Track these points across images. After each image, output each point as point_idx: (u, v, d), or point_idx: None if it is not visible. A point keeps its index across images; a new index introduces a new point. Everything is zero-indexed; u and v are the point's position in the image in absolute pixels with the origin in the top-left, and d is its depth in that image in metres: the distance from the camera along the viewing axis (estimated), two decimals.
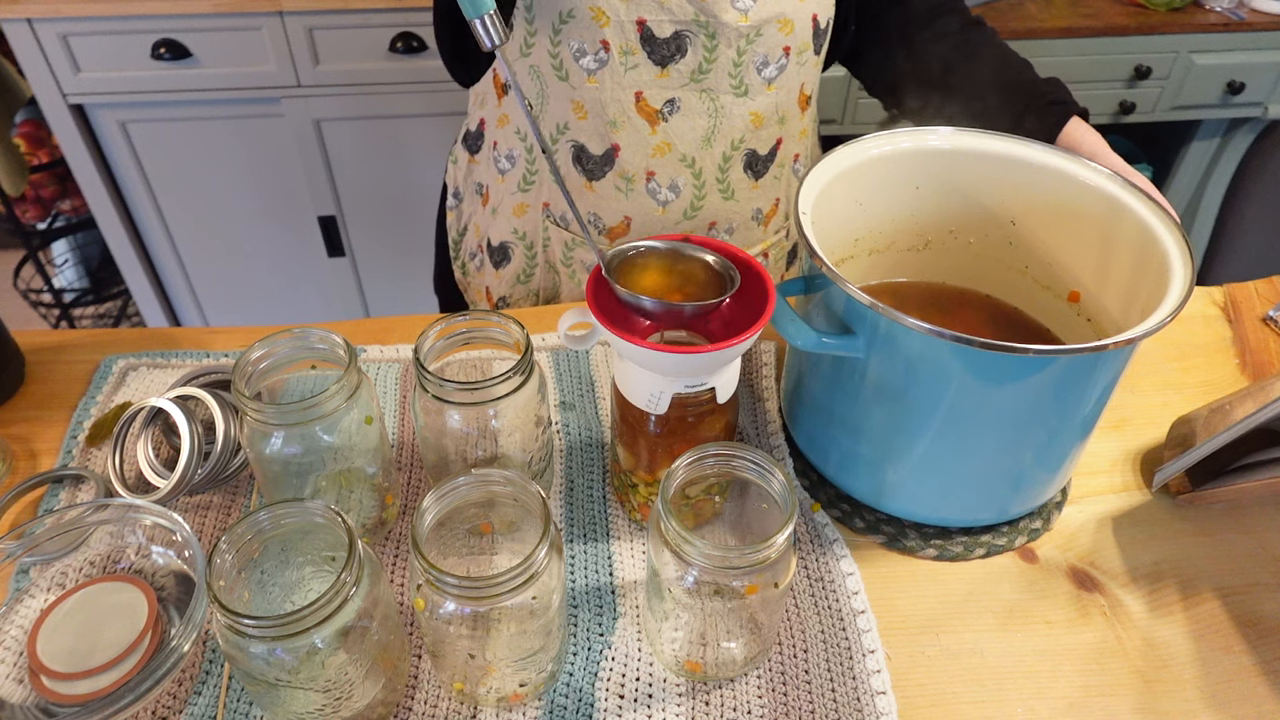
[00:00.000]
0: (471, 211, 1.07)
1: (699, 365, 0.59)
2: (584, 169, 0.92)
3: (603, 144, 0.90)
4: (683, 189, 0.93)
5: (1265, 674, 0.63)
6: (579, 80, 0.86)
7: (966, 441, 0.64)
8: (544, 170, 0.95)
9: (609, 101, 0.86)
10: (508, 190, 0.99)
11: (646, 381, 0.60)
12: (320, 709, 0.54)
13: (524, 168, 0.96)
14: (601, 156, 0.90)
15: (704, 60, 0.84)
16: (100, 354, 0.86)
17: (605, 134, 0.89)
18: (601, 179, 0.92)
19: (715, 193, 0.94)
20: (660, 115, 0.87)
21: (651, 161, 0.90)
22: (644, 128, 0.88)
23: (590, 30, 0.82)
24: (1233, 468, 0.71)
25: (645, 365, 0.59)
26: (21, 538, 0.63)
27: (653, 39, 0.83)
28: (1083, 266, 0.75)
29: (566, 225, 0.97)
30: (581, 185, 0.93)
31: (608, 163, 0.91)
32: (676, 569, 0.55)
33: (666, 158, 0.90)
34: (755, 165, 0.94)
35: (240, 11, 1.61)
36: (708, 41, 0.83)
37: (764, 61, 0.86)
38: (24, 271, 2.20)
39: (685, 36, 0.83)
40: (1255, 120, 1.95)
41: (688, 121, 0.88)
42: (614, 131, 0.88)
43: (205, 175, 1.85)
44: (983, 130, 0.76)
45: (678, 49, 0.84)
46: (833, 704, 0.60)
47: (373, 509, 0.69)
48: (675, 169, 0.91)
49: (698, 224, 0.95)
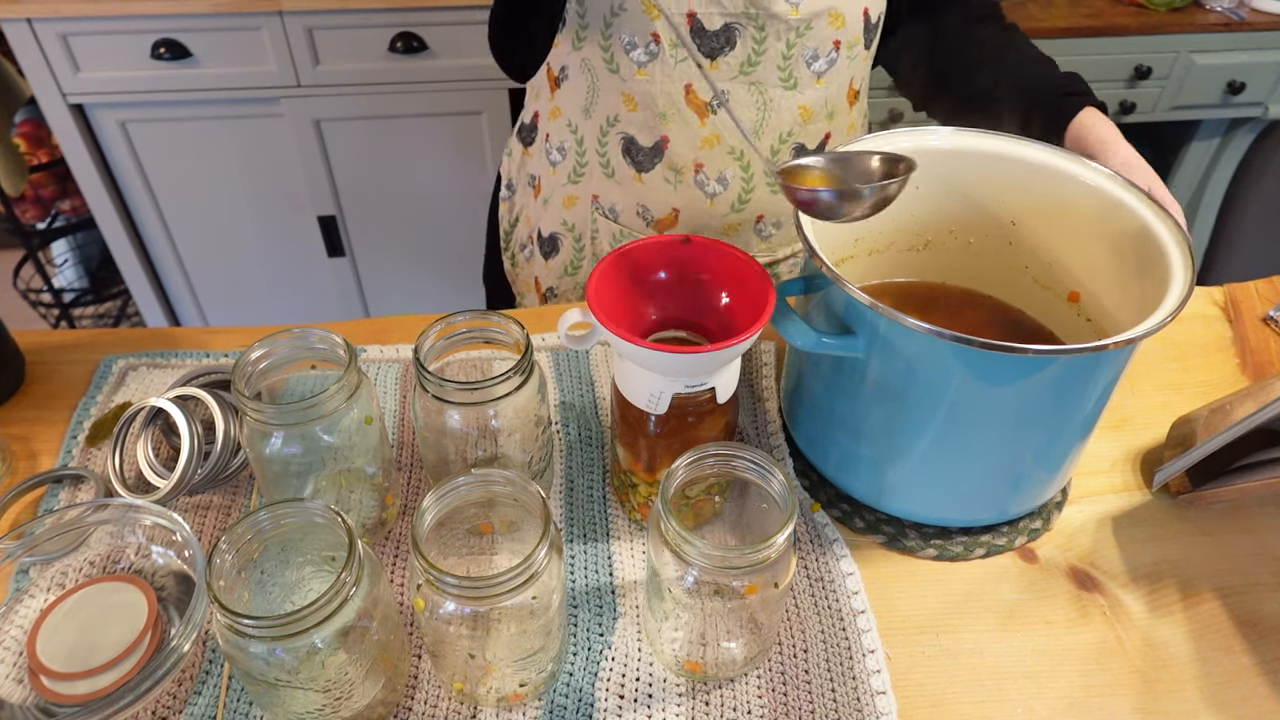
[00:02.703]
0: (524, 203, 1.08)
1: (699, 365, 0.59)
2: (633, 161, 0.93)
3: (652, 136, 0.90)
4: (731, 181, 0.93)
5: (1265, 674, 0.63)
6: (629, 73, 0.86)
7: (966, 441, 0.64)
8: (593, 162, 0.95)
9: (658, 94, 0.87)
10: (558, 182, 1.00)
11: (646, 381, 0.60)
12: (320, 709, 0.54)
13: (574, 160, 0.96)
14: (651, 148, 0.91)
15: (753, 53, 0.85)
16: (100, 354, 0.86)
17: (655, 126, 0.90)
18: (650, 171, 0.93)
19: (763, 186, 0.94)
20: (709, 107, 0.88)
21: (700, 154, 0.91)
22: (693, 120, 0.89)
23: (641, 23, 0.83)
24: (1233, 468, 0.71)
25: (645, 365, 0.59)
26: (21, 538, 0.63)
27: (703, 31, 0.84)
28: (1083, 266, 0.75)
29: (615, 217, 0.98)
30: (630, 177, 0.94)
31: (657, 155, 0.91)
32: (676, 569, 0.55)
33: (715, 150, 0.91)
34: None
35: (240, 11, 1.61)
36: (757, 34, 0.84)
37: (813, 55, 0.86)
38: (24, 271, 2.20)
39: (735, 29, 0.84)
40: (1255, 120, 1.95)
41: (737, 114, 0.88)
42: (663, 124, 0.89)
43: (205, 175, 1.85)
44: (983, 130, 0.76)
45: (727, 41, 0.84)
46: (833, 704, 0.60)
47: (373, 509, 0.69)
48: (724, 161, 0.92)
49: (745, 217, 0.96)
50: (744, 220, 0.96)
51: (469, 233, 2.00)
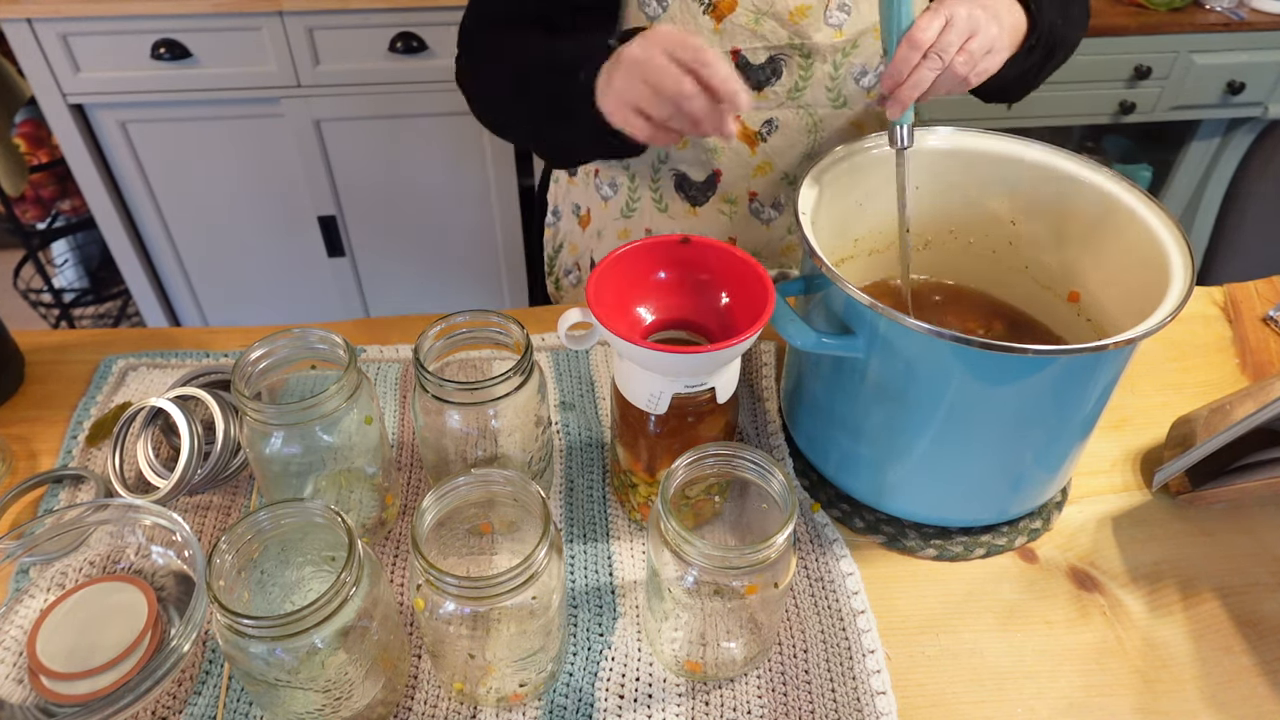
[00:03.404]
0: (568, 230, 1.08)
1: (698, 365, 0.59)
2: (686, 195, 0.92)
3: (704, 171, 0.90)
4: (785, 206, 0.93)
5: (1265, 674, 0.63)
6: None
7: (966, 441, 0.64)
8: (646, 198, 0.95)
9: None
10: (610, 216, 1.00)
11: (646, 381, 0.60)
12: (320, 709, 0.54)
13: (626, 195, 0.96)
14: (703, 183, 0.91)
15: (799, 79, 0.85)
16: (100, 354, 0.86)
17: (706, 161, 0.89)
18: (705, 204, 0.93)
19: None
20: (759, 136, 0.88)
21: (753, 182, 0.91)
22: (744, 150, 0.88)
23: None
24: (1233, 468, 0.71)
25: (645, 365, 0.59)
26: (21, 538, 0.63)
27: (748, 66, 0.83)
28: (1083, 266, 0.75)
29: None
30: (685, 210, 0.93)
31: (710, 188, 0.91)
32: (676, 569, 0.55)
33: (768, 177, 0.91)
34: None
35: (240, 11, 1.61)
36: (803, 61, 0.83)
37: (862, 71, 0.86)
38: (24, 271, 2.20)
39: (780, 60, 0.83)
40: (1255, 120, 1.95)
41: (787, 139, 0.88)
42: (715, 158, 0.89)
43: (205, 175, 1.85)
44: (983, 130, 0.76)
45: (773, 72, 0.84)
46: (833, 704, 0.60)
47: (373, 509, 0.69)
48: (777, 187, 0.92)
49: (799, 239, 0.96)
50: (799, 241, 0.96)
51: (469, 233, 2.00)
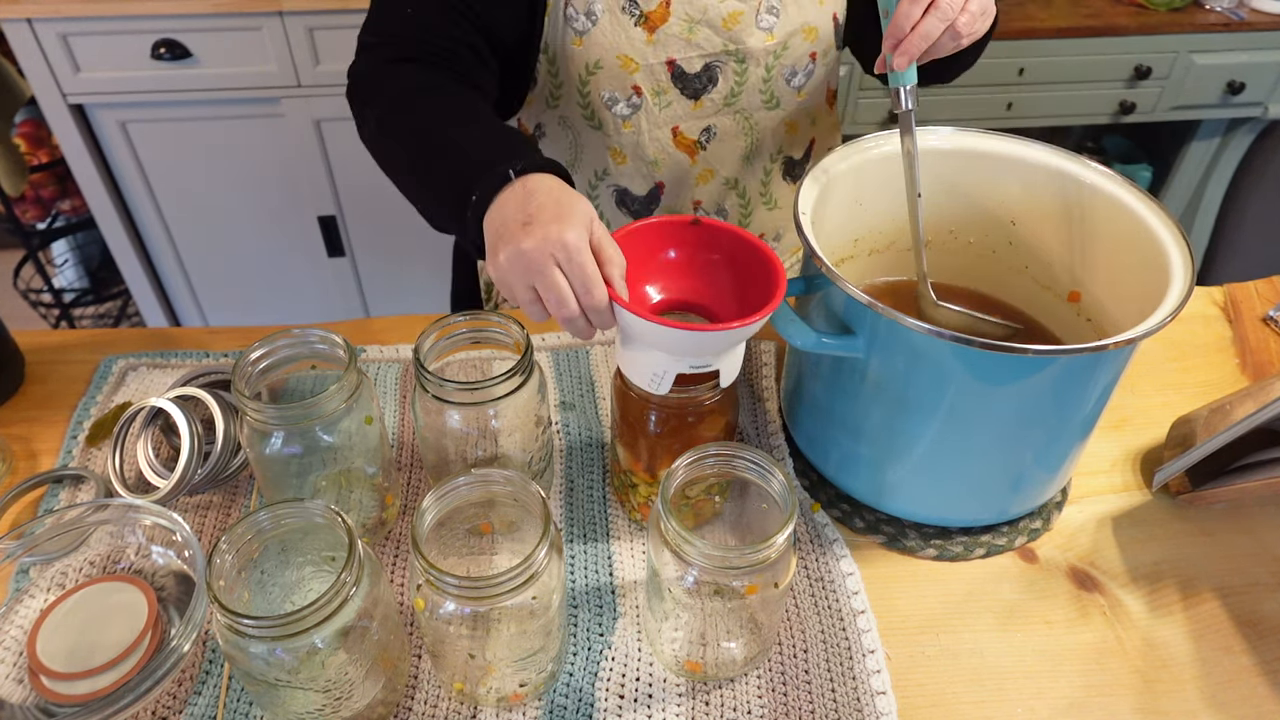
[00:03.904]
0: None
1: (705, 345, 0.58)
2: (629, 211, 0.92)
3: (646, 184, 0.90)
4: (730, 211, 0.93)
5: (1265, 674, 0.63)
6: (614, 128, 0.85)
7: (966, 441, 0.64)
8: None
9: (647, 143, 0.86)
10: None
11: (651, 361, 0.60)
12: (320, 709, 0.54)
13: None
14: (645, 196, 0.91)
15: (735, 85, 0.84)
16: (100, 354, 0.86)
17: (648, 174, 0.89)
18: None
19: (760, 206, 0.95)
20: (699, 145, 0.87)
21: (696, 190, 0.91)
22: (684, 161, 0.88)
23: (619, 78, 0.82)
24: (1233, 468, 0.71)
25: (652, 343, 0.59)
26: (21, 538, 0.63)
27: (684, 75, 0.83)
28: (1083, 266, 0.75)
29: None
30: None
31: (653, 201, 0.91)
32: (676, 569, 0.55)
33: (711, 184, 0.91)
34: (793, 170, 0.95)
35: (240, 11, 1.61)
36: (737, 67, 0.83)
37: (792, 72, 0.86)
38: (24, 271, 2.19)
39: (715, 67, 0.83)
40: (1255, 120, 1.95)
41: (726, 145, 0.88)
42: (656, 170, 0.88)
43: (205, 175, 1.85)
44: (983, 130, 0.76)
45: (709, 80, 0.84)
46: (833, 704, 0.60)
47: (373, 509, 0.69)
48: (720, 193, 0.92)
49: None
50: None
51: None
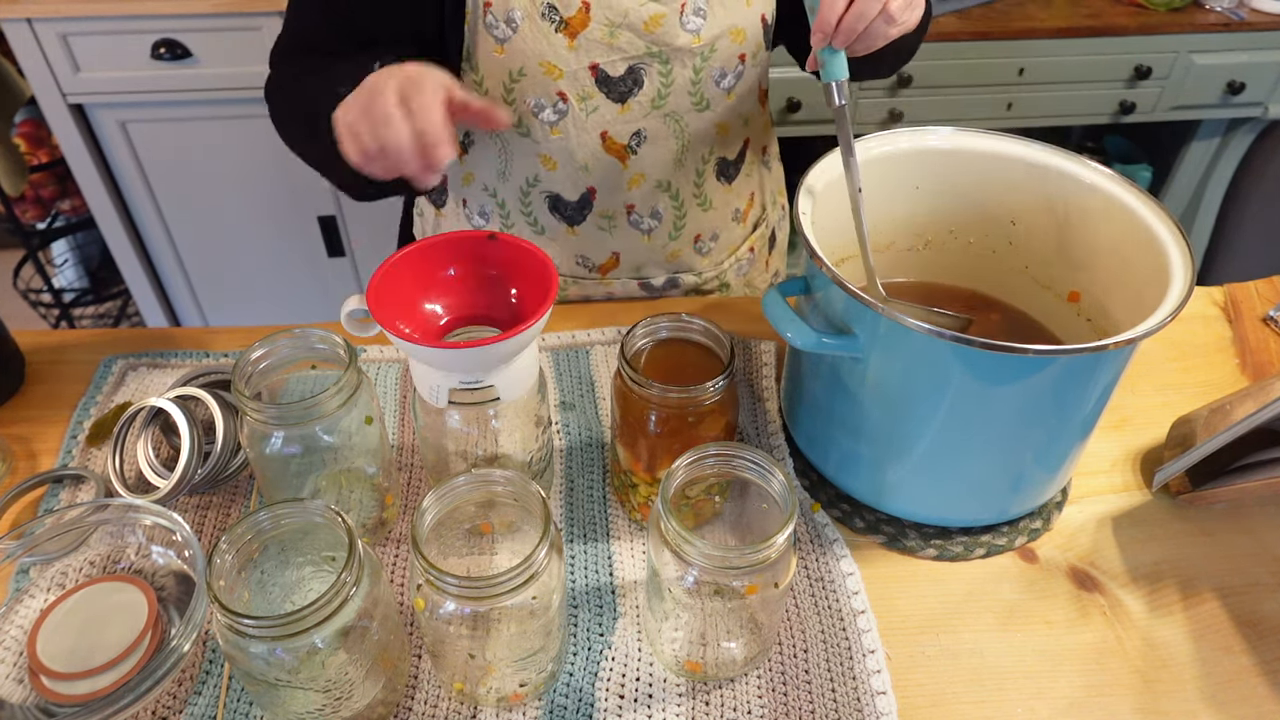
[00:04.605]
0: None
1: (454, 361, 0.58)
2: (563, 216, 0.91)
3: (577, 189, 0.89)
4: (664, 213, 0.93)
5: (1265, 674, 0.63)
6: (542, 134, 0.84)
7: (967, 441, 0.64)
8: (520, 223, 0.93)
9: (576, 148, 0.85)
10: None
11: (423, 373, 0.61)
12: (320, 709, 0.54)
13: (499, 223, 0.94)
14: (578, 202, 0.90)
15: (661, 86, 0.84)
16: (100, 354, 0.86)
17: (578, 179, 0.88)
18: (583, 222, 0.91)
19: (694, 208, 0.94)
20: (629, 149, 0.87)
21: (629, 195, 0.90)
22: (615, 165, 0.87)
23: (544, 85, 0.81)
24: (1233, 468, 0.71)
25: (418, 357, 0.59)
26: (21, 538, 0.63)
27: (608, 79, 0.82)
28: (1083, 266, 0.75)
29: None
30: (563, 231, 0.92)
31: (585, 206, 0.90)
32: (676, 569, 0.55)
33: (643, 187, 0.90)
34: (727, 171, 0.95)
35: (240, 11, 1.61)
36: (662, 68, 0.82)
37: (721, 74, 0.85)
38: (24, 271, 2.19)
39: (640, 70, 0.82)
40: (1255, 120, 1.95)
41: (657, 148, 0.88)
42: (586, 175, 0.88)
43: (205, 175, 1.85)
44: (983, 130, 0.76)
45: (634, 83, 0.83)
46: (833, 704, 0.60)
47: (373, 509, 0.69)
48: (653, 196, 0.91)
49: (683, 241, 0.96)
50: (683, 245, 0.96)
51: None
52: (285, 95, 0.85)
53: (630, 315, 0.92)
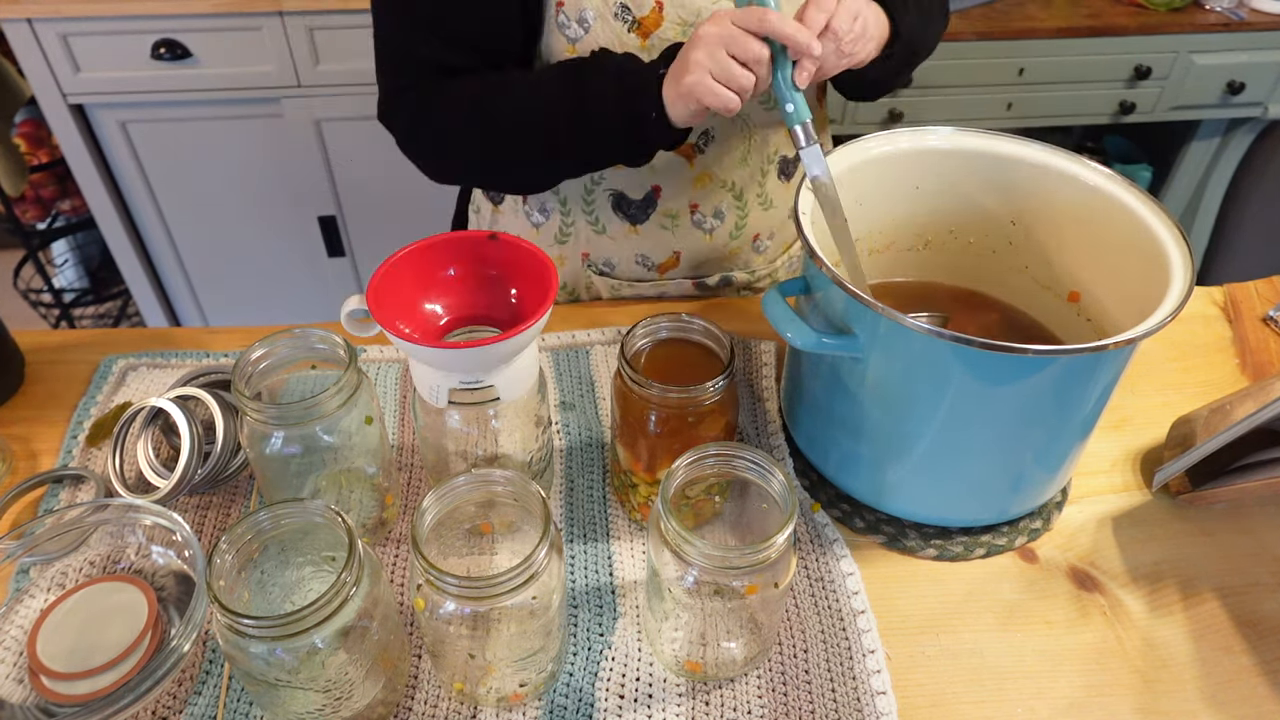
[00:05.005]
0: None
1: (455, 361, 0.59)
2: (626, 215, 0.92)
3: (642, 188, 0.89)
4: (726, 213, 0.93)
5: (1265, 674, 0.63)
6: None
7: (967, 441, 0.64)
8: (580, 222, 0.93)
9: None
10: (544, 243, 0.98)
11: (423, 373, 0.61)
12: (320, 709, 0.54)
13: (559, 221, 0.95)
14: (642, 200, 0.90)
15: None
16: (100, 354, 0.86)
17: (644, 178, 0.88)
18: (645, 221, 0.92)
19: (756, 207, 0.94)
20: (696, 148, 0.87)
21: (694, 194, 0.90)
22: (682, 164, 0.88)
23: None
24: (1233, 468, 0.70)
25: (417, 358, 0.60)
26: (21, 538, 0.63)
27: None
28: (1083, 266, 0.75)
29: (611, 271, 0.96)
30: (624, 230, 0.93)
31: (649, 205, 0.91)
32: (676, 569, 0.55)
33: (708, 187, 0.90)
34: (787, 168, 0.95)
35: (240, 11, 1.61)
36: None
37: None
38: (24, 271, 2.20)
39: None
40: (1255, 120, 1.95)
41: (723, 148, 0.88)
42: (652, 174, 0.88)
43: (205, 175, 1.85)
44: (983, 130, 0.76)
45: None
46: (833, 704, 0.60)
47: (373, 509, 0.69)
48: (717, 195, 0.91)
49: (743, 241, 0.96)
50: (743, 244, 0.96)
51: None
52: (486, 112, 0.83)
53: (630, 315, 0.92)
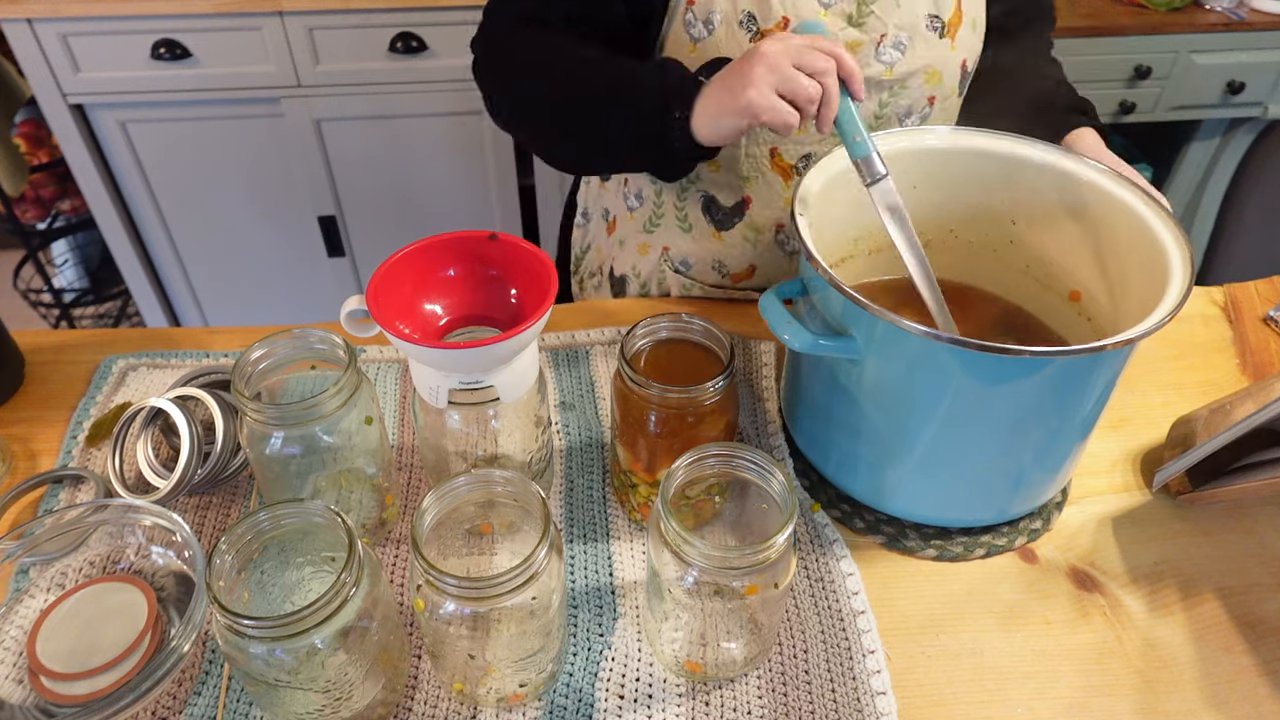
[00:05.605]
0: (596, 234, 1.08)
1: (451, 361, 0.59)
2: (713, 219, 0.91)
3: (734, 196, 0.89)
4: None
5: (1265, 674, 0.63)
6: None
7: (966, 442, 0.64)
8: (670, 215, 0.94)
9: (743, 158, 0.85)
10: (634, 228, 0.99)
11: (423, 373, 0.61)
12: (320, 709, 0.54)
13: (651, 209, 0.95)
14: (732, 208, 0.90)
15: None
16: (100, 354, 0.86)
17: (737, 187, 0.88)
18: (730, 229, 0.91)
19: None
20: (795, 170, 0.86)
21: (783, 214, 0.90)
22: (777, 182, 0.87)
23: None
24: (1233, 468, 0.70)
25: (416, 358, 0.60)
26: (21, 538, 0.63)
27: None
28: (1083, 266, 0.75)
29: (686, 270, 0.96)
30: (708, 233, 0.92)
31: (737, 214, 0.90)
32: (676, 569, 0.55)
33: None
34: None
35: (240, 11, 1.61)
36: None
37: (907, 112, 0.85)
38: (24, 271, 2.20)
39: None
40: (1255, 120, 1.95)
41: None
42: (746, 185, 0.88)
43: (205, 175, 1.85)
44: (982, 130, 0.76)
45: None
46: (833, 704, 0.60)
47: (373, 509, 0.69)
48: None
49: None
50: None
51: None
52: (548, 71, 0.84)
53: (630, 315, 0.92)
